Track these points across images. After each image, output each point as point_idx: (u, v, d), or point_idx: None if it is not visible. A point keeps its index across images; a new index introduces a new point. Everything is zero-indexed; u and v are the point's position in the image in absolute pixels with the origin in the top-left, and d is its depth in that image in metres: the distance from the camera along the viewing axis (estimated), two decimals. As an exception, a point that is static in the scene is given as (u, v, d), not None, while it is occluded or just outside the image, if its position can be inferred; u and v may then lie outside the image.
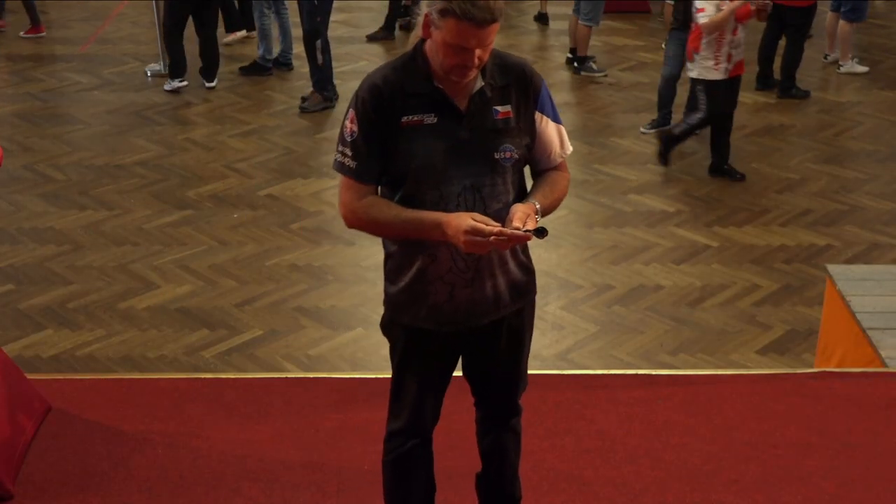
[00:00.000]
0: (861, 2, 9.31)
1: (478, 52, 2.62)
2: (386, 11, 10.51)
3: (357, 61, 9.35)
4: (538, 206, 2.78)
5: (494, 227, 2.64)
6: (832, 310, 4.78)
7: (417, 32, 2.65)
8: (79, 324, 5.47)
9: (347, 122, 2.77)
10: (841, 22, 9.40)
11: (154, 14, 9.37)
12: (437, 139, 2.73)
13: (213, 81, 8.94)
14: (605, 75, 9.31)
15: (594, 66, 9.33)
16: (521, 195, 2.87)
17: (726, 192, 7.09)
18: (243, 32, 10.18)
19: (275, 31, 9.31)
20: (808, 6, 8.54)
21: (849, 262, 6.07)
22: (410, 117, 2.73)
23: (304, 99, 8.57)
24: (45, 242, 6.32)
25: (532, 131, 2.84)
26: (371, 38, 10.33)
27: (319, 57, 8.29)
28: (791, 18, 8.58)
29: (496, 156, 2.77)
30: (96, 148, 7.74)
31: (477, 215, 2.67)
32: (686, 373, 4.66)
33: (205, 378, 4.32)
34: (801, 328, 5.50)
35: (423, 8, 2.64)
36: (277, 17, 9.20)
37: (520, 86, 2.81)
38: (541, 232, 2.68)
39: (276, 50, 9.36)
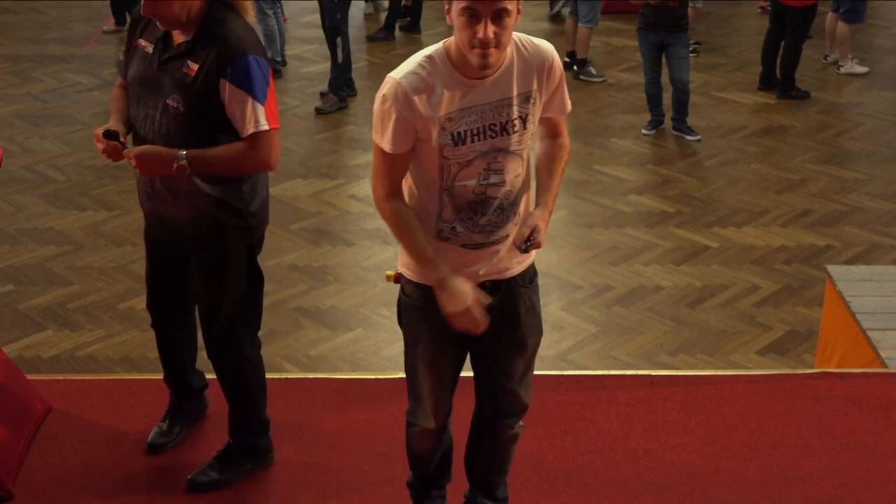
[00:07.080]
0: (859, 3, 9.30)
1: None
2: (386, 12, 10.52)
3: (357, 62, 9.33)
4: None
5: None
6: (832, 310, 4.78)
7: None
8: (79, 324, 5.47)
9: None
10: (839, 23, 9.41)
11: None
12: None
13: None
14: (604, 79, 9.29)
15: (593, 71, 9.32)
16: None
17: (726, 192, 7.09)
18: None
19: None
20: (808, 6, 8.54)
21: (849, 262, 6.07)
22: None
23: (322, 95, 8.58)
24: (45, 243, 6.32)
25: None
26: (371, 39, 10.33)
27: (339, 55, 8.30)
28: (790, 18, 8.58)
29: None
30: (96, 148, 7.72)
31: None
32: (686, 373, 4.66)
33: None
34: (800, 329, 5.50)
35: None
36: (267, 20, 9.07)
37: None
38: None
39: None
